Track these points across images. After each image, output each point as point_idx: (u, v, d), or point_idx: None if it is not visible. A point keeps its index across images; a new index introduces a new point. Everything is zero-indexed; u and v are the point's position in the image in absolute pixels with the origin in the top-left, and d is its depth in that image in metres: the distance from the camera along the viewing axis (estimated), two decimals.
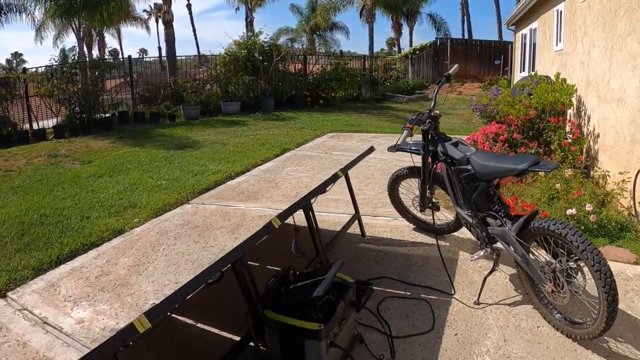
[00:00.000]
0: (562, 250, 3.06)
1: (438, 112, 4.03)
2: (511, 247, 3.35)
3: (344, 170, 3.89)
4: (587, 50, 7.46)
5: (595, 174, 6.38)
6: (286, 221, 3.06)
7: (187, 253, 4.59)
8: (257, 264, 3.91)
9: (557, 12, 9.94)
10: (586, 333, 2.93)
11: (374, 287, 3.70)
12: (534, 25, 13.05)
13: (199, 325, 3.46)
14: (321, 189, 3.43)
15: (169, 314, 1.73)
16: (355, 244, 4.62)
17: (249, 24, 29.59)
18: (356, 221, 4.63)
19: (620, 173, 5.42)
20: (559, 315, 3.19)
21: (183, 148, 9.70)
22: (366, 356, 2.92)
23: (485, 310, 3.46)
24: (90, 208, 5.98)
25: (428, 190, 4.34)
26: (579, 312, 3.27)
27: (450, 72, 4.34)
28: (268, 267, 2.60)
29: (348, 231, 4.51)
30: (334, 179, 3.63)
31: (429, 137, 4.05)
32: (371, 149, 4.79)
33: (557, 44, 10.08)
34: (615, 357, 2.89)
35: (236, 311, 3.12)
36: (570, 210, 4.79)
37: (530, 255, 3.26)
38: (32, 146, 10.43)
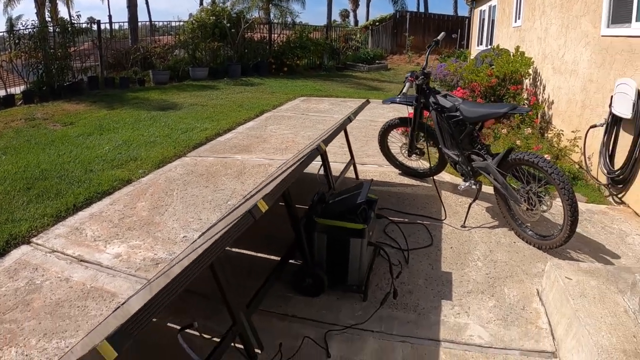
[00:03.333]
0: (532, 179, 3.90)
1: (430, 70, 4.75)
2: (492, 177, 4.14)
3: (355, 114, 4.53)
4: (545, 28, 8.30)
5: (549, 134, 7.23)
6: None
7: (201, 196, 5.08)
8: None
9: None
10: (554, 242, 3.75)
11: None
12: (493, 2, 13.87)
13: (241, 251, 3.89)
14: (338, 131, 4.04)
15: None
16: (352, 184, 5.25)
17: None
18: (351, 166, 5.26)
19: (572, 132, 6.24)
20: (530, 232, 4.02)
21: (164, 109, 10.04)
22: (386, 264, 3.59)
23: (470, 231, 4.26)
24: (90, 162, 6.21)
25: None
26: (546, 229, 4.13)
27: (439, 38, 5.08)
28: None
29: (345, 175, 5.14)
30: (348, 121, 4.26)
31: (422, 91, 4.79)
32: (367, 102, 5.45)
33: (515, 21, 10.92)
34: (576, 260, 3.74)
35: (273, 238, 3.73)
36: None
37: None
38: (3, 111, 10.20)
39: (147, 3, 46.55)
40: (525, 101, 8.15)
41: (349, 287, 3.25)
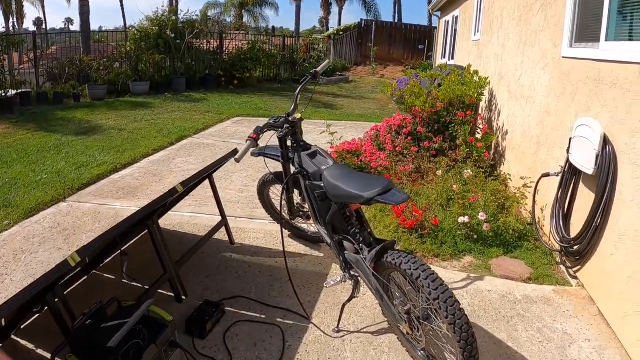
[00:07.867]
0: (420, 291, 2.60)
1: (300, 115, 3.52)
2: (365, 279, 2.96)
3: (185, 185, 3.31)
4: (502, 43, 7.23)
5: (501, 171, 6.23)
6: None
7: (46, 263, 4.15)
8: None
9: (478, 1, 9.79)
10: None
11: (227, 309, 3.35)
12: (456, 12, 12.99)
13: (38, 351, 3.04)
14: (160, 202, 3.02)
15: None
16: (221, 253, 4.25)
17: None
18: (222, 228, 4.25)
19: (521, 178, 5.23)
20: (422, 352, 2.81)
21: (77, 134, 9.05)
22: None
23: (344, 340, 3.09)
24: None
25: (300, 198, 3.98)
26: (449, 350, 2.79)
27: (318, 69, 3.83)
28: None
29: (217, 237, 4.12)
30: (170, 194, 3.14)
31: (285, 145, 3.56)
32: (235, 152, 4.11)
33: (475, 34, 9.96)
34: None
35: None
36: (462, 218, 4.51)
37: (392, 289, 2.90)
38: None
39: (121, 4, 45.01)
40: (479, 129, 7.11)
41: None
